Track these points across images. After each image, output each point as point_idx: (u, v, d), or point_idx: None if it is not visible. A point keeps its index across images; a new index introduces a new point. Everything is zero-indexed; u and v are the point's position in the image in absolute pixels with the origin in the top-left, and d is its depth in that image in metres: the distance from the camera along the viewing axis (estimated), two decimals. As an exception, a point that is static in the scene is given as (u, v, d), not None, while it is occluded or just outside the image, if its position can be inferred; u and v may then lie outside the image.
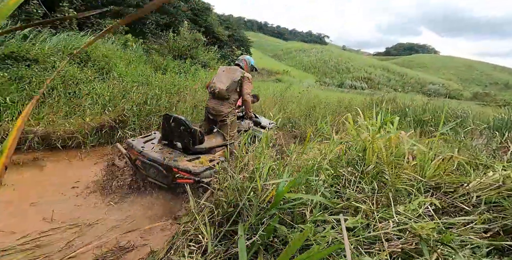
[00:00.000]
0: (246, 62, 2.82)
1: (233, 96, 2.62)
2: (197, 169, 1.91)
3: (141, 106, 3.76)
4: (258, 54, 37.03)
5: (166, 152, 2.17)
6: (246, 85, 2.60)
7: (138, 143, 2.29)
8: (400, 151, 1.99)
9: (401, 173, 1.93)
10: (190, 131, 2.09)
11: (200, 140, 2.19)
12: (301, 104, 6.43)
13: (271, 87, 7.94)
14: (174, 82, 5.45)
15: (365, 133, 1.94)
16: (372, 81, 34.54)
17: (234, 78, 2.54)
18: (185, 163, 1.99)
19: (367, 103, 8.36)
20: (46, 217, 2.00)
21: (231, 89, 2.55)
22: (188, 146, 2.16)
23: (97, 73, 5.18)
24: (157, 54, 8.11)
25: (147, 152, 2.12)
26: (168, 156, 2.08)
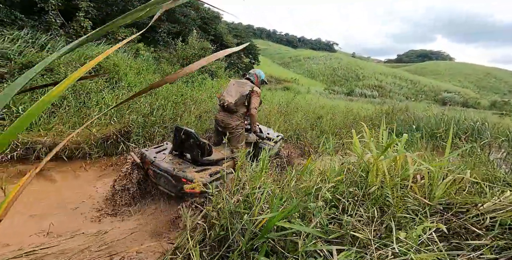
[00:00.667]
0: (257, 76, 2.90)
1: (241, 110, 2.70)
2: (204, 180, 2.00)
3: (146, 117, 3.81)
4: (267, 61, 37.30)
5: (176, 163, 2.29)
6: (254, 99, 2.66)
7: (151, 153, 2.42)
8: (406, 172, 1.90)
9: (407, 194, 1.84)
10: (199, 143, 2.19)
11: (208, 152, 2.27)
12: (307, 113, 6.36)
13: (276, 96, 7.91)
14: (181, 91, 5.53)
15: (369, 154, 1.86)
16: (383, 89, 33.91)
17: (243, 92, 2.62)
18: (193, 174, 2.10)
19: (377, 113, 8.18)
20: (44, 230, 2.01)
21: (239, 103, 2.63)
22: (196, 158, 2.27)
23: (107, 82, 5.33)
24: (166, 63, 8.29)
25: (158, 162, 2.25)
26: (178, 167, 2.19)
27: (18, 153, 3.06)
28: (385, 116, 7.52)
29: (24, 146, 3.10)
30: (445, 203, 1.86)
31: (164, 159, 2.33)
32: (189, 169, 2.19)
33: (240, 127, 2.73)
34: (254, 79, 2.88)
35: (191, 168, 2.21)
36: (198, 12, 16.06)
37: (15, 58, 4.78)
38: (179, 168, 2.16)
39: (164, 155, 2.41)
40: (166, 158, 2.36)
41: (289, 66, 42.01)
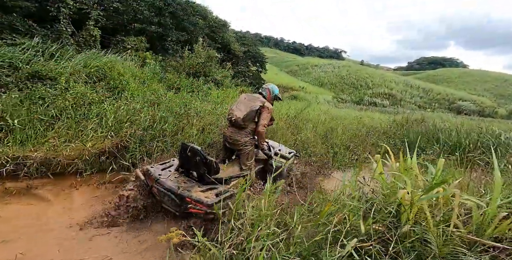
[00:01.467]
0: (270, 91, 2.77)
1: (250, 125, 2.58)
2: (209, 200, 1.93)
3: (146, 130, 3.57)
4: (274, 70, 37.31)
5: (182, 181, 2.22)
6: (264, 116, 2.55)
7: (156, 170, 2.35)
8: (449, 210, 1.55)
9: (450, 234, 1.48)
10: (205, 161, 2.13)
11: (215, 170, 2.21)
12: (317, 125, 6.02)
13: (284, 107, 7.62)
14: (184, 101, 5.32)
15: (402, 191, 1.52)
16: (394, 98, 33.00)
17: (253, 107, 2.51)
18: (198, 193, 2.03)
19: (391, 124, 7.72)
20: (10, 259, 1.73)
21: (248, 118, 2.52)
22: (203, 176, 2.21)
23: (110, 92, 5.18)
24: (173, 72, 8.18)
25: (163, 180, 2.18)
26: (183, 185, 2.13)
27: (8, 169, 2.84)
28: (400, 128, 7.08)
29: (14, 162, 2.89)
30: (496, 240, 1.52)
31: (169, 176, 2.27)
32: (195, 188, 2.12)
33: (249, 143, 2.61)
34: (267, 94, 2.76)
35: (196, 187, 2.14)
36: (206, 20, 16.20)
37: (23, 67, 4.64)
38: (183, 187, 2.09)
39: (170, 173, 2.35)
40: (171, 175, 2.29)
41: (297, 74, 41.82)
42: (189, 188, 2.10)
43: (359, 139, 5.65)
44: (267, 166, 3.05)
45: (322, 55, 78.93)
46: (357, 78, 39.81)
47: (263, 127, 2.55)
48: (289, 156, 3.21)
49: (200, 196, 1.99)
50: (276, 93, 2.85)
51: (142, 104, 4.70)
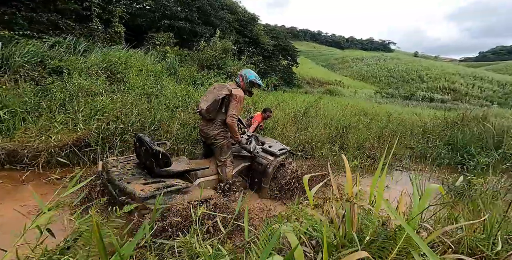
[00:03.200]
0: (243, 77, 2.48)
1: (219, 117, 2.40)
2: (142, 194, 1.73)
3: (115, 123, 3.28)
4: (308, 64, 35.49)
5: (130, 173, 2.05)
6: (233, 105, 2.33)
7: (113, 162, 2.23)
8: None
9: None
10: (152, 152, 1.94)
11: (165, 162, 2.00)
12: (332, 122, 5.10)
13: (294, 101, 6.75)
14: (183, 95, 5.00)
15: None
16: (456, 92, 28.47)
17: (217, 96, 2.29)
18: (136, 186, 1.84)
19: (439, 122, 6.18)
20: None
21: (213, 109, 2.32)
22: (151, 168, 2.04)
23: (113, 85, 5.13)
24: (188, 65, 8.01)
25: (112, 171, 2.05)
26: (127, 177, 1.96)
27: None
28: (449, 127, 5.59)
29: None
30: None
31: (123, 168, 2.12)
32: (139, 180, 1.94)
33: (220, 137, 2.42)
34: (240, 81, 2.48)
35: (142, 179, 1.96)
36: (234, 14, 15.91)
37: (47, 63, 4.91)
38: (126, 179, 1.93)
39: (129, 165, 2.20)
40: (126, 167, 2.15)
41: (335, 68, 39.14)
42: (132, 180, 1.93)
43: (383, 140, 4.58)
44: (254, 165, 2.82)
45: (365, 48, 72.76)
46: (408, 72, 35.74)
47: (231, 118, 2.32)
48: (278, 153, 2.85)
49: (135, 188, 1.79)
50: (251, 78, 2.48)
51: (135, 97, 4.50)
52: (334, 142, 4.30)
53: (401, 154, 4.48)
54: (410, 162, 4.38)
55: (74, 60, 5.29)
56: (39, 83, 4.52)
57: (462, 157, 3.91)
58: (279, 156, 2.85)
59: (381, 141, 4.57)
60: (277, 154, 2.82)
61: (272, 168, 2.74)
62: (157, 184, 1.90)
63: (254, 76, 2.49)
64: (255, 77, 2.49)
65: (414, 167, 4.18)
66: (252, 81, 2.48)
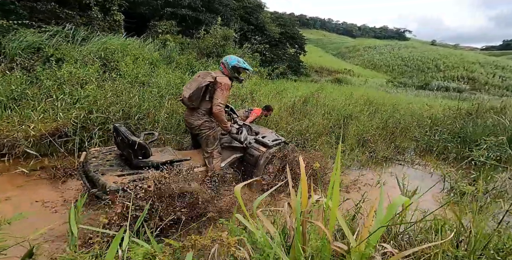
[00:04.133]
0: (224, 64, 2.33)
1: (203, 106, 2.27)
2: (112, 186, 1.67)
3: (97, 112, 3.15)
4: (318, 52, 34.33)
5: (108, 164, 1.98)
6: (218, 93, 2.19)
7: (95, 153, 2.16)
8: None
9: None
10: (128, 142, 1.86)
11: (143, 153, 1.91)
12: (332, 113, 4.81)
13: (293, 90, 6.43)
14: (174, 83, 4.82)
15: None
16: (475, 82, 27.03)
17: (201, 82, 2.18)
18: (109, 178, 1.76)
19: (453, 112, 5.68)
20: None
21: (196, 97, 2.20)
22: (129, 159, 1.95)
23: (106, 73, 5.01)
24: (188, 53, 7.78)
25: (90, 162, 1.97)
26: (102, 168, 1.89)
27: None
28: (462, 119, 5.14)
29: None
30: None
31: (102, 159, 2.06)
32: (115, 172, 1.87)
33: (204, 127, 2.30)
34: (222, 69, 2.35)
35: (118, 171, 1.89)
36: (239, 1, 15.33)
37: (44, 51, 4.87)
38: (101, 170, 1.86)
39: (111, 156, 2.12)
40: (107, 158, 2.08)
41: (345, 56, 37.68)
42: (107, 171, 1.85)
43: (385, 131, 4.27)
44: (246, 156, 2.70)
45: (379, 36, 69.51)
46: (423, 60, 34.23)
47: (217, 106, 2.18)
48: (271, 144, 2.71)
49: (107, 180, 1.72)
50: (232, 64, 2.31)
51: (125, 85, 4.35)
52: (332, 133, 4.04)
53: (405, 147, 4.17)
54: (414, 156, 4.08)
55: (69, 48, 5.22)
56: (31, 72, 4.48)
57: (471, 151, 3.58)
58: (271, 147, 2.71)
59: (383, 132, 4.27)
60: (269, 145, 2.68)
61: (264, 160, 2.62)
62: (132, 176, 1.82)
63: (236, 60, 2.32)
64: (237, 61, 2.32)
65: (418, 161, 3.89)
66: (235, 66, 2.31)
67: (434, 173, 3.40)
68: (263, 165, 2.63)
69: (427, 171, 3.48)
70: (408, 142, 4.29)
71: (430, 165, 3.69)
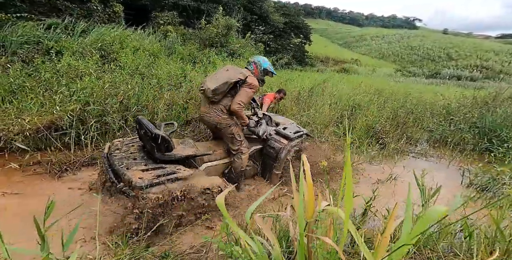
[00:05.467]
0: (256, 65, 2.29)
1: (224, 102, 2.13)
2: (138, 182, 1.59)
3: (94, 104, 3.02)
4: (324, 42, 33.45)
5: (132, 157, 1.91)
6: (243, 92, 2.08)
7: (118, 144, 2.11)
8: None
9: None
10: (151, 135, 1.79)
11: (166, 147, 1.84)
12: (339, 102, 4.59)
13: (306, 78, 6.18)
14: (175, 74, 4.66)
15: None
16: (490, 70, 26.03)
17: (230, 78, 2.05)
18: (135, 172, 1.69)
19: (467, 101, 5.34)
20: None
21: (221, 91, 2.07)
22: (152, 153, 1.90)
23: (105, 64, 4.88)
24: (192, 43, 7.57)
25: (114, 155, 1.93)
26: (127, 162, 1.83)
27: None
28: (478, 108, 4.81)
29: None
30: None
31: (126, 151, 2.00)
32: (139, 166, 1.80)
33: (225, 125, 2.14)
34: (253, 68, 2.27)
35: (142, 165, 1.81)
36: (243, -9, 14.84)
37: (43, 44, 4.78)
38: (126, 164, 1.80)
39: (133, 148, 2.06)
40: (130, 150, 2.02)
41: (352, 46, 36.62)
42: (132, 165, 1.79)
43: (396, 121, 4.04)
44: (265, 148, 2.55)
45: (387, 25, 67.26)
46: (434, 49, 33.25)
47: (237, 104, 2.06)
48: (293, 136, 2.53)
49: (134, 175, 1.65)
50: (265, 66, 2.29)
51: (124, 76, 4.21)
52: (340, 124, 3.84)
53: (417, 138, 3.95)
54: (427, 147, 3.85)
55: (69, 41, 5.10)
56: (31, 64, 4.40)
57: (490, 143, 3.33)
58: (293, 140, 2.55)
59: (394, 123, 4.04)
60: (291, 137, 2.51)
61: (285, 153, 2.46)
62: (157, 171, 1.76)
63: (268, 64, 2.32)
64: (269, 65, 2.32)
65: (432, 153, 3.67)
66: (267, 69, 2.29)
67: (451, 165, 3.18)
68: (284, 159, 2.46)
69: (443, 163, 3.27)
70: (421, 133, 4.06)
71: (446, 157, 3.47)
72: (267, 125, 2.69)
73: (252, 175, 2.62)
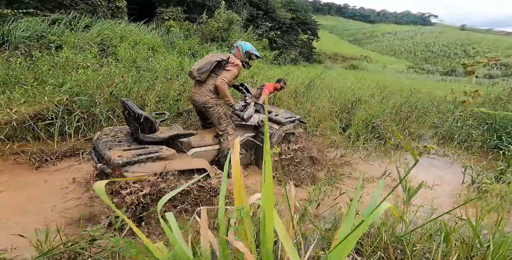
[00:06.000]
0: (239, 48, 2.38)
1: (211, 81, 2.24)
2: (116, 159, 1.57)
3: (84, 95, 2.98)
4: (333, 39, 32.75)
5: (117, 140, 1.92)
6: (227, 70, 2.20)
7: (107, 131, 2.11)
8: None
9: None
10: (135, 116, 1.81)
11: (150, 127, 1.85)
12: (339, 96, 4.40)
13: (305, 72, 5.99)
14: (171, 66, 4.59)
15: None
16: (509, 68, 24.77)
17: (214, 58, 2.22)
18: (115, 152, 1.68)
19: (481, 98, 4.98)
20: None
21: (205, 70, 2.20)
22: (136, 134, 1.90)
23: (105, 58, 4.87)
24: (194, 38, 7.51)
25: (101, 139, 1.93)
26: (111, 144, 1.82)
27: None
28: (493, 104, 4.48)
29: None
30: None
31: (114, 136, 2.01)
32: (122, 146, 1.80)
33: (211, 104, 2.24)
34: (236, 52, 2.36)
35: (125, 146, 1.82)
36: (249, -15, 14.63)
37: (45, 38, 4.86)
38: (110, 145, 1.80)
39: (121, 133, 2.08)
40: (118, 135, 2.04)
41: (362, 43, 35.72)
42: (115, 146, 1.79)
43: (399, 117, 3.82)
44: (258, 136, 2.55)
45: (400, 22, 65.16)
46: (449, 45, 31.99)
47: (221, 80, 2.15)
48: (284, 120, 2.56)
49: (113, 154, 1.64)
50: (246, 49, 2.36)
51: (121, 70, 4.18)
52: (337, 118, 3.66)
53: (421, 134, 3.71)
54: (431, 144, 3.62)
55: (70, 35, 5.11)
56: (29, 58, 4.45)
57: (499, 140, 3.07)
58: (285, 125, 2.57)
59: (397, 118, 3.82)
60: (282, 122, 2.54)
61: (276, 138, 2.48)
62: (138, 151, 1.75)
63: (250, 47, 2.40)
64: (251, 47, 2.40)
65: (436, 149, 3.43)
66: (248, 51, 2.37)
67: (455, 163, 2.96)
68: (276, 144, 2.45)
69: (446, 161, 3.04)
70: (426, 129, 3.82)
71: (450, 154, 3.24)
72: (259, 113, 2.65)
73: (245, 164, 2.58)
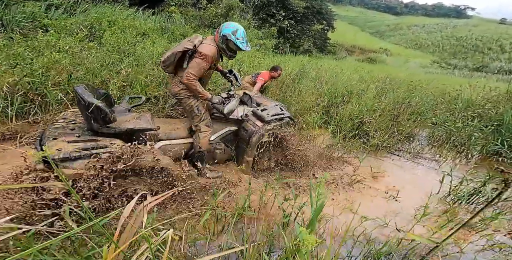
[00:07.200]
0: (218, 30, 1.91)
1: (181, 74, 1.96)
2: (57, 154, 1.45)
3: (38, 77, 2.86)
4: (353, 30, 31.01)
5: (71, 128, 1.76)
6: (193, 63, 1.85)
7: (68, 114, 1.97)
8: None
9: None
10: (85, 104, 1.61)
11: (103, 117, 1.65)
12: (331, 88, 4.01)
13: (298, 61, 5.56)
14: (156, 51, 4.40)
15: None
16: None
17: (178, 48, 1.88)
18: (55, 143, 1.54)
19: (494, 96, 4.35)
20: None
21: (170, 63, 1.94)
22: (88, 124, 1.72)
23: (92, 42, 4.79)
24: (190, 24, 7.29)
25: (53, 124, 1.79)
26: (60, 133, 1.67)
27: None
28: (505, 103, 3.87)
29: None
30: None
31: (71, 121, 1.86)
32: (69, 137, 1.64)
33: (182, 95, 2.01)
34: (215, 34, 1.93)
35: (74, 136, 1.66)
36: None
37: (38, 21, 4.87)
38: (56, 134, 1.66)
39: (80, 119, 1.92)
40: (76, 120, 1.88)
41: (384, 35, 33.57)
42: (61, 136, 1.64)
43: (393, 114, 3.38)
44: (240, 131, 2.30)
45: (430, 14, 60.39)
46: (483, 40, 29.47)
47: (186, 76, 1.85)
48: (269, 118, 2.21)
49: (52, 146, 1.51)
50: (224, 32, 1.83)
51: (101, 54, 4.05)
52: (323, 112, 3.31)
53: (414, 134, 3.27)
54: (425, 146, 3.18)
55: (61, 19, 5.08)
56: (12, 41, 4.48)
57: (501, 145, 2.59)
58: (270, 123, 2.23)
59: (388, 115, 3.39)
60: (266, 119, 2.19)
61: (257, 137, 2.17)
62: (85, 144, 1.59)
63: (230, 30, 1.83)
64: (232, 32, 1.82)
65: (427, 152, 3.00)
66: (225, 36, 1.82)
67: (442, 169, 2.54)
68: (256, 143, 2.18)
69: (432, 166, 2.63)
70: (420, 129, 3.37)
71: (441, 158, 2.80)
72: (246, 105, 2.37)
73: (224, 160, 2.34)
